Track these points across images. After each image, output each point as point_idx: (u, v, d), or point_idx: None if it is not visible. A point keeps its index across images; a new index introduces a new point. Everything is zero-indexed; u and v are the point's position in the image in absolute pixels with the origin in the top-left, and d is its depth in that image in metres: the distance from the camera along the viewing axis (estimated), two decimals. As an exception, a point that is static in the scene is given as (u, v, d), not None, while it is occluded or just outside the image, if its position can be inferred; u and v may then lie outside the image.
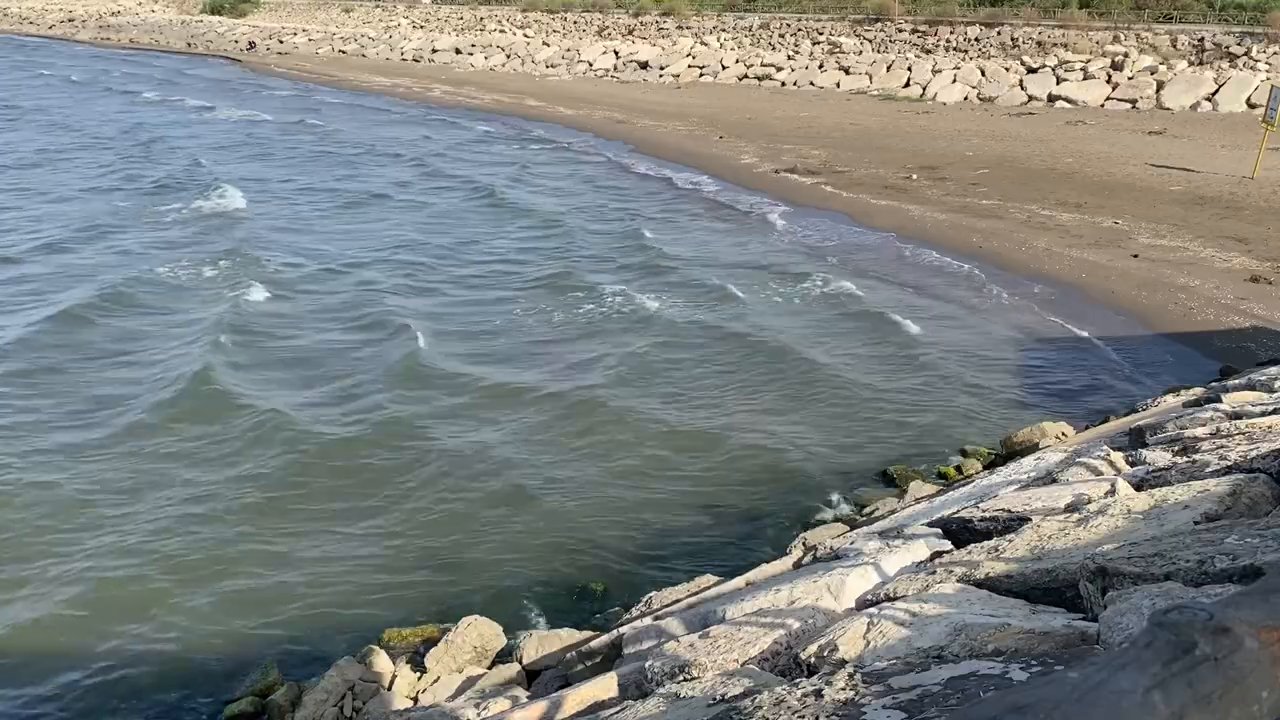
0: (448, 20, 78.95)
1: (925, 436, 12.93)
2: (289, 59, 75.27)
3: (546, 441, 12.93)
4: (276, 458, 12.29)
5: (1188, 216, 22.98)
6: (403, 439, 12.93)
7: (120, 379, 14.89)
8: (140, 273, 20.17)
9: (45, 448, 12.56)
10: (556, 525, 10.85)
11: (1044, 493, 6.43)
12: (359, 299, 18.89)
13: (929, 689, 3.36)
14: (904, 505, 9.43)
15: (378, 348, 16.27)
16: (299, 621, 9.23)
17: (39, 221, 24.89)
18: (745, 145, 34.96)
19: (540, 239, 23.68)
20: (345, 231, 24.65)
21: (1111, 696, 1.36)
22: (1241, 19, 41.57)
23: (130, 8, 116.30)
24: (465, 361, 15.81)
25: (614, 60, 59.94)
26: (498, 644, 8.03)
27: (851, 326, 17.43)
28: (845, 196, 26.99)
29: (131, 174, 31.69)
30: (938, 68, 47.05)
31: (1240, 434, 7.04)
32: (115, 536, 10.53)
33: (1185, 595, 3.65)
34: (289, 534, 10.66)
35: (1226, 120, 35.74)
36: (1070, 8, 46.90)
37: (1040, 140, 33.39)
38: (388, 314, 17.94)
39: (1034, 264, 20.18)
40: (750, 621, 5.13)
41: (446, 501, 11.36)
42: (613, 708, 4.74)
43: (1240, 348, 15.29)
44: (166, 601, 9.48)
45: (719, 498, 11.46)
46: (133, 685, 8.42)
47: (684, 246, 22.95)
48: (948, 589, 4.58)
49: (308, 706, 7.42)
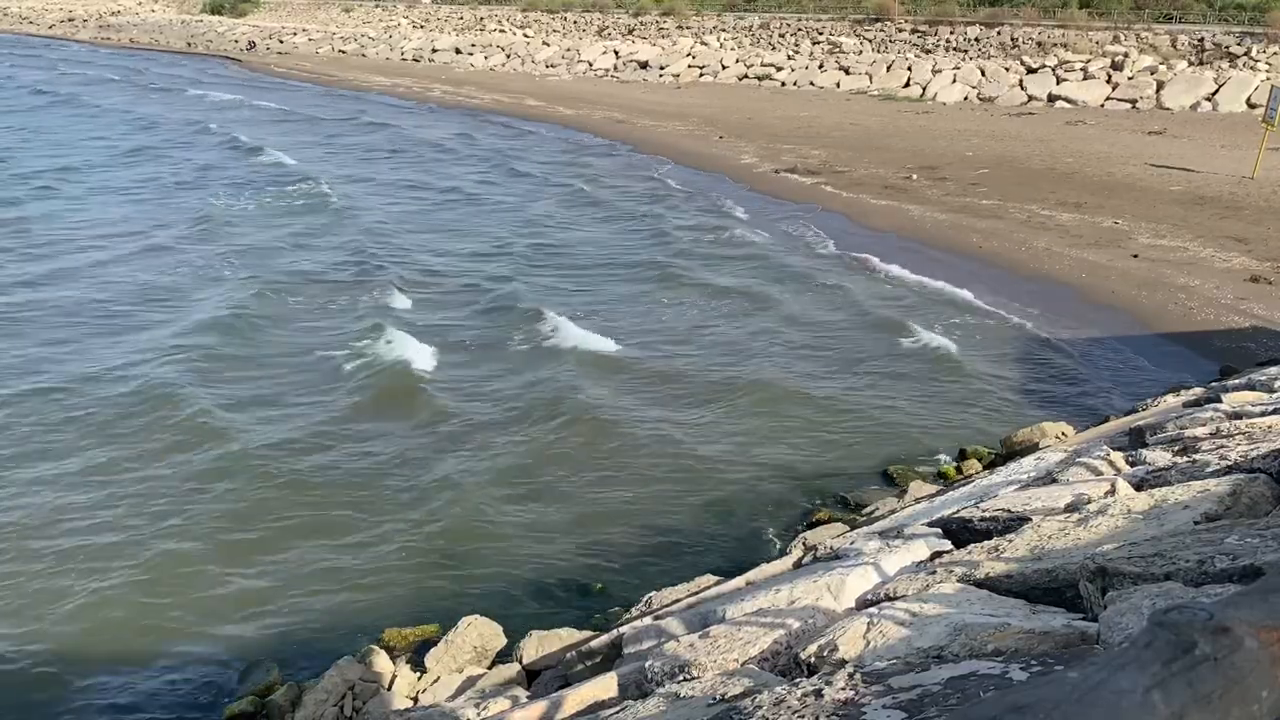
0: (448, 20, 78.93)
1: (925, 436, 12.93)
2: (289, 59, 75.27)
3: (546, 441, 12.92)
4: (275, 458, 12.29)
5: (1188, 216, 22.98)
6: (403, 439, 12.93)
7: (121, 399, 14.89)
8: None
9: (50, 451, 12.57)
10: (556, 525, 10.85)
11: (1044, 493, 6.43)
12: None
13: (929, 689, 3.36)
14: (904, 505, 9.43)
15: (375, 348, 16.28)
16: (299, 621, 9.23)
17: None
18: (745, 145, 34.96)
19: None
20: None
21: (1111, 696, 1.36)
22: (1241, 19, 41.55)
23: (130, 7, 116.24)
24: (466, 362, 15.82)
25: (614, 60, 59.93)
26: (498, 644, 8.03)
27: (851, 326, 17.43)
28: (845, 196, 26.99)
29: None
30: (938, 68, 47.05)
31: (1240, 434, 7.04)
32: (116, 536, 10.53)
33: (1185, 595, 3.65)
34: (289, 534, 10.66)
35: (1226, 120, 35.74)
36: (1070, 8, 46.89)
37: (1040, 140, 33.39)
38: (397, 316, 17.96)
39: (1034, 264, 20.17)
40: (750, 621, 5.13)
41: (446, 501, 11.35)
42: (613, 708, 4.74)
43: (1240, 348, 15.29)
44: (167, 601, 9.47)
45: (719, 498, 11.46)
46: (133, 685, 8.42)
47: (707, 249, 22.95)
48: (948, 589, 4.58)
49: (308, 706, 7.42)
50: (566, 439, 12.99)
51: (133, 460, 12.27)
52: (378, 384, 14.77)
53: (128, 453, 12.46)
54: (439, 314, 18.28)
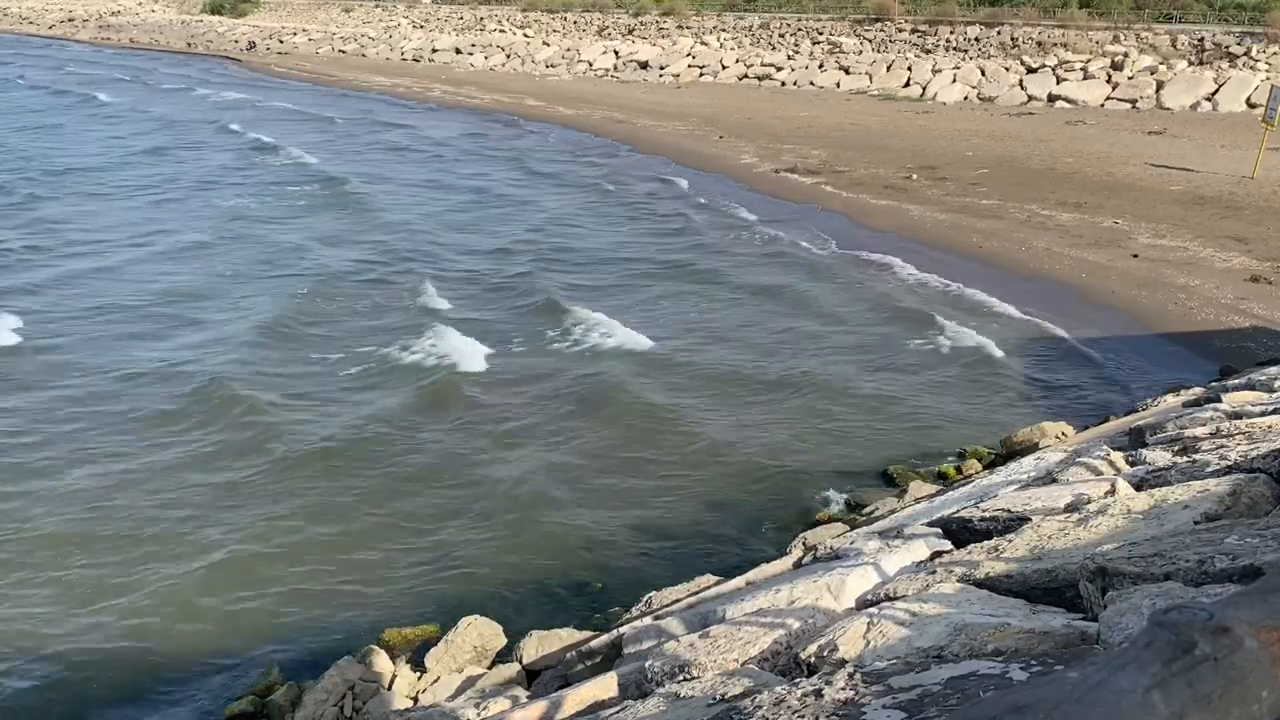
0: (448, 20, 78.91)
1: (925, 436, 12.93)
2: (289, 59, 75.25)
3: (546, 441, 12.93)
4: (274, 458, 12.29)
5: (1188, 216, 22.98)
6: (402, 439, 12.93)
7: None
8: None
9: (49, 450, 12.57)
10: (556, 525, 10.84)
11: (1044, 493, 6.43)
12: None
13: (929, 689, 3.36)
14: (904, 505, 9.42)
15: (387, 344, 16.27)
16: (299, 621, 9.23)
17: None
18: (745, 145, 34.95)
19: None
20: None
21: (1111, 696, 1.36)
22: (1241, 19, 41.54)
23: (130, 7, 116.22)
24: (465, 362, 15.82)
25: (614, 60, 59.91)
26: (498, 644, 8.03)
27: (851, 326, 17.43)
28: (845, 196, 26.99)
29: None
30: (938, 68, 47.05)
31: (1240, 434, 7.04)
32: (116, 535, 10.54)
33: (1185, 595, 3.65)
34: (288, 533, 10.66)
35: (1226, 120, 35.74)
36: (1070, 8, 46.88)
37: (1040, 140, 33.38)
38: (415, 317, 17.95)
39: (1034, 264, 20.17)
40: (750, 621, 5.13)
41: (446, 501, 11.36)
42: (613, 708, 4.74)
43: (1240, 348, 15.29)
44: (167, 601, 9.47)
45: (719, 498, 11.46)
46: (133, 685, 8.42)
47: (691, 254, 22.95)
48: (948, 589, 4.58)
49: (308, 706, 7.42)
50: (566, 439, 12.99)
51: (131, 461, 12.27)
52: (379, 384, 14.79)
53: (126, 453, 12.47)
54: (469, 310, 18.25)
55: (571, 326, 17.30)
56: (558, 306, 18.19)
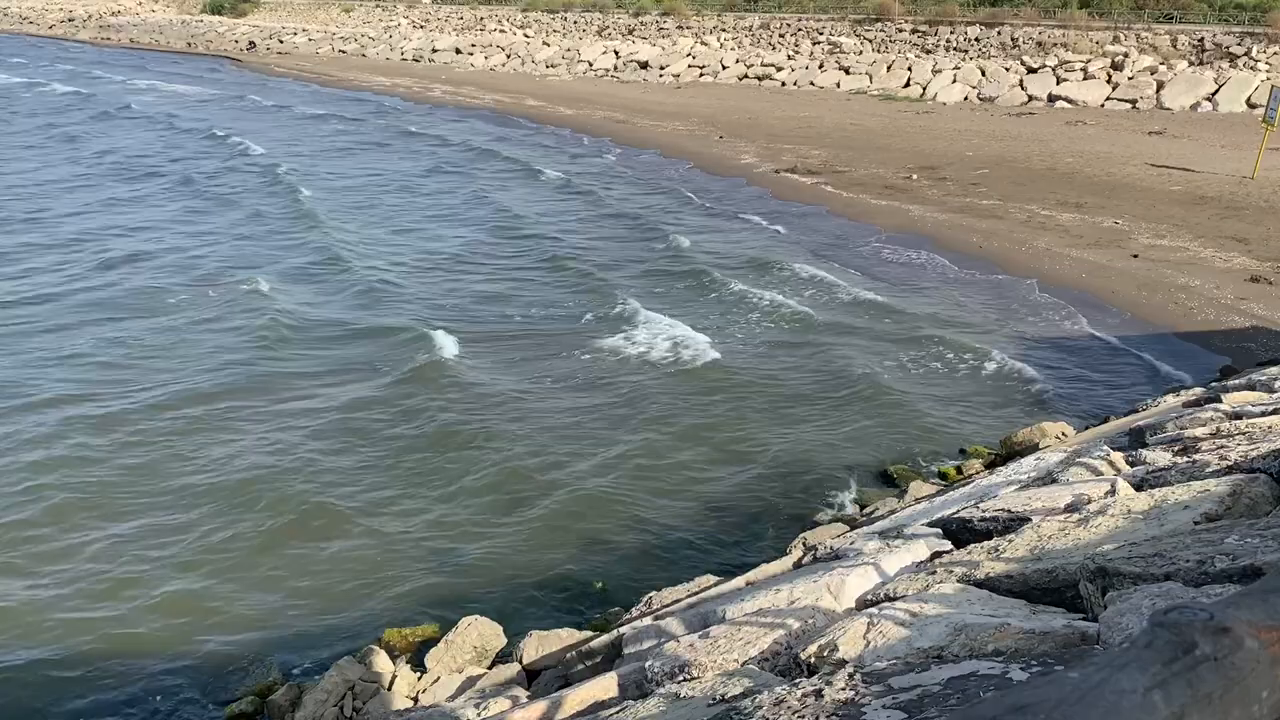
0: (448, 20, 78.91)
1: (925, 436, 12.93)
2: (289, 59, 75.27)
3: (546, 441, 12.92)
4: (273, 458, 12.29)
5: (1188, 216, 22.98)
6: (402, 439, 12.93)
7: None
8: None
9: (50, 451, 12.57)
10: (557, 525, 10.84)
11: (1044, 493, 6.42)
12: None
13: (929, 689, 3.36)
14: (904, 505, 9.42)
15: (390, 347, 16.27)
16: (299, 621, 9.23)
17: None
18: (745, 145, 34.96)
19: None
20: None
21: (1111, 696, 1.36)
22: (1241, 19, 41.53)
23: (130, 7, 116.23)
24: (466, 364, 15.81)
25: (614, 60, 59.91)
26: (498, 644, 8.04)
27: (851, 326, 17.42)
28: (845, 196, 26.99)
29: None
30: (938, 68, 47.04)
31: (1240, 434, 7.04)
32: (116, 535, 10.54)
33: (1185, 595, 3.65)
34: (288, 533, 10.66)
35: (1226, 120, 35.73)
36: (1070, 8, 46.87)
37: (1040, 140, 33.38)
38: (420, 320, 17.94)
39: (1034, 264, 20.18)
40: (750, 621, 5.12)
41: (446, 501, 11.36)
42: (613, 708, 4.73)
43: (1240, 348, 15.29)
44: (167, 601, 9.48)
45: (719, 498, 11.46)
46: (133, 685, 8.42)
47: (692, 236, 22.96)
48: (948, 589, 4.58)
49: (308, 706, 7.43)
50: (565, 439, 12.98)
51: (127, 462, 12.27)
52: (380, 382, 14.79)
53: (130, 443, 12.47)
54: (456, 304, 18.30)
55: (571, 326, 17.30)
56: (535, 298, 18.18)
